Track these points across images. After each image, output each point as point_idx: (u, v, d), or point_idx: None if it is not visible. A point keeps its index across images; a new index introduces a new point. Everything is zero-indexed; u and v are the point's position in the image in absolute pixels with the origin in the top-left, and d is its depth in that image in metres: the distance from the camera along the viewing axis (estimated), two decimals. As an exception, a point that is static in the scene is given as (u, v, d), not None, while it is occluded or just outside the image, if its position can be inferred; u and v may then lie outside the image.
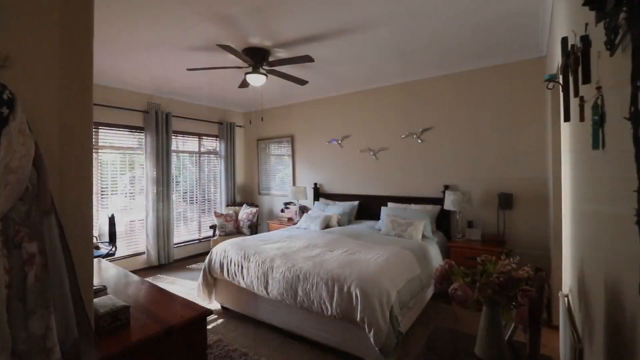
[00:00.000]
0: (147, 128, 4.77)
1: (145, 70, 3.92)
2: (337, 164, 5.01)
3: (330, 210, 4.54)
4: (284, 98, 5.42)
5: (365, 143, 4.69)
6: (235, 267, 3.01)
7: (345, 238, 3.36)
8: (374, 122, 4.60)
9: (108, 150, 4.51)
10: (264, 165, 6.09)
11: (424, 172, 4.14)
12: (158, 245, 4.82)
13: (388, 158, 4.47)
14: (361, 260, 2.61)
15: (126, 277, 2.13)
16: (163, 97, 5.03)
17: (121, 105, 4.52)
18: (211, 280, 3.31)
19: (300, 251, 2.92)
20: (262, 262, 2.81)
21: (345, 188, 4.92)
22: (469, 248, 3.36)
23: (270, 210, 5.95)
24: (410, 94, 4.25)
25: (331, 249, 2.98)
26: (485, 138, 3.73)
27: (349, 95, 4.85)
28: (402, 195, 4.30)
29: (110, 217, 3.88)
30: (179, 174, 5.44)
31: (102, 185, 4.45)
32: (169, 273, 4.64)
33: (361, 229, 3.82)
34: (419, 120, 4.19)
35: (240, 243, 3.28)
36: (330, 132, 5.09)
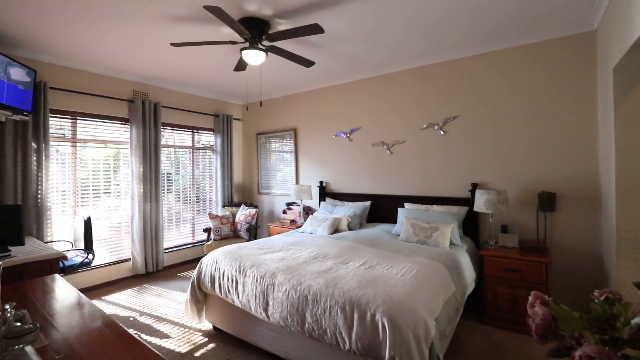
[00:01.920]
0: (132, 119, 4.24)
1: (128, 50, 3.39)
2: (345, 160, 4.48)
3: (338, 212, 4.01)
4: (286, 87, 4.88)
5: (378, 136, 4.16)
6: (229, 282, 2.48)
7: (360, 246, 2.82)
8: (388, 113, 4.07)
9: (88, 144, 3.98)
10: (264, 161, 5.56)
11: (448, 168, 3.61)
12: (145, 251, 4.29)
13: (405, 152, 3.93)
14: (385, 276, 2.08)
15: (79, 307, 1.60)
16: (151, 85, 4.50)
17: (103, 93, 3.99)
18: (201, 296, 2.78)
19: (307, 263, 2.39)
20: (261, 277, 2.28)
21: (355, 187, 4.39)
22: (506, 258, 2.83)
23: (270, 212, 5.42)
24: (431, 80, 3.72)
25: (345, 260, 2.44)
26: (521, 128, 3.19)
27: (360, 83, 4.31)
28: (421, 195, 3.77)
29: (85, 220, 3.35)
30: (174, 172, 4.91)
31: (82, 183, 3.92)
32: (157, 282, 4.12)
33: (376, 235, 3.29)
34: (441, 109, 3.65)
35: (235, 252, 2.75)
36: (337, 125, 4.56)
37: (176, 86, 4.74)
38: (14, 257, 2.40)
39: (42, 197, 3.41)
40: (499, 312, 2.86)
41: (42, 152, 3.40)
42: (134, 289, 3.94)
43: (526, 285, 2.73)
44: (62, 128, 3.77)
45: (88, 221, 3.37)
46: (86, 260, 3.27)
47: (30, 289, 1.77)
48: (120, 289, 3.92)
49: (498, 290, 2.86)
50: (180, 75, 4.29)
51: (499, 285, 2.86)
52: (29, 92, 3.16)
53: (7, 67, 2.87)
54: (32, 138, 3.37)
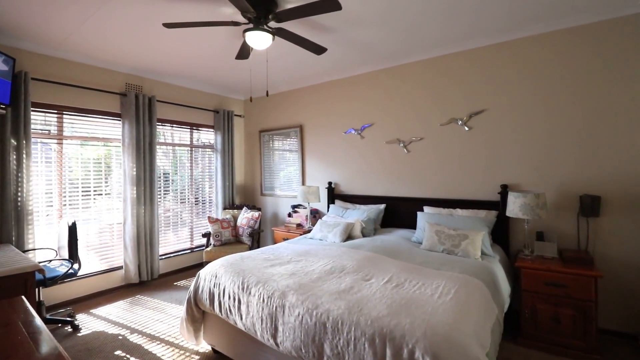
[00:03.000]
0: (125, 114, 3.89)
1: (119, 36, 3.04)
2: (357, 159, 4.12)
3: (350, 216, 3.66)
4: (292, 80, 4.53)
5: (393, 132, 3.80)
6: (230, 300, 2.13)
7: (380, 257, 2.47)
8: (404, 107, 3.71)
9: (75, 142, 3.63)
10: (268, 161, 5.20)
11: (473, 168, 3.25)
12: (139, 258, 3.94)
13: (423, 150, 3.57)
14: (419, 298, 1.72)
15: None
16: (145, 77, 4.15)
17: (92, 85, 3.64)
18: (198, 314, 2.43)
19: (323, 280, 2.03)
20: (269, 297, 1.92)
21: (367, 188, 4.03)
22: (548, 270, 2.47)
23: (274, 215, 5.07)
24: (453, 70, 3.36)
25: (367, 276, 2.08)
26: (560, 122, 2.83)
27: (373, 75, 3.95)
28: (443, 198, 3.41)
29: (70, 225, 3.00)
30: (172, 172, 4.55)
31: (70, 184, 3.57)
32: (151, 293, 3.77)
33: (396, 243, 2.93)
34: (465, 102, 3.29)
35: (237, 264, 2.40)
36: (348, 121, 4.20)
37: (173, 79, 4.39)
38: (-21, 272, 2.05)
39: (23, 200, 3.06)
40: (538, 332, 2.50)
41: (22, 149, 3.05)
42: (125, 300, 3.59)
43: (572, 303, 2.38)
44: (47, 123, 3.42)
45: (73, 227, 3.02)
46: (70, 270, 2.92)
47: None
48: (111, 301, 3.57)
49: (538, 307, 2.50)
50: (177, 66, 3.94)
51: (538, 301, 2.50)
52: (6, 82, 2.81)
53: (-22, 52, 2.52)
54: (11, 134, 3.02)
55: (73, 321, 2.96)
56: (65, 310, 3.25)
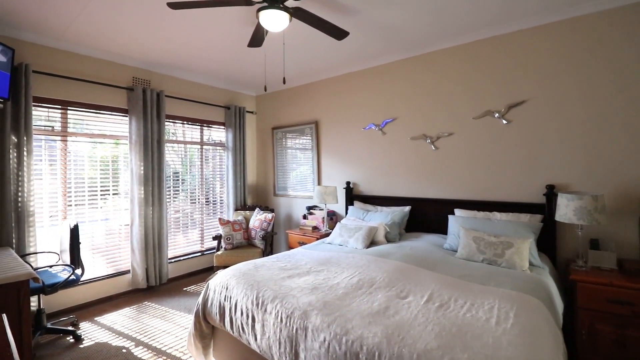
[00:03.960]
0: (132, 110, 3.68)
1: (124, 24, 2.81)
2: (378, 157, 3.81)
3: (372, 219, 3.35)
4: (306, 73, 4.24)
5: (418, 128, 3.48)
6: (243, 317, 1.86)
7: (413, 268, 2.16)
8: (431, 99, 3.38)
9: (80, 139, 3.43)
10: (281, 159, 4.93)
11: (513, 166, 2.90)
12: (147, 261, 3.73)
13: (453, 147, 3.24)
14: (472, 324, 1.41)
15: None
16: (153, 71, 3.93)
17: (98, 79, 3.44)
18: (207, 330, 2.17)
19: (350, 296, 1.74)
20: (287, 316, 1.64)
21: (390, 188, 3.72)
22: (610, 285, 2.11)
23: (288, 216, 4.80)
24: (488, 58, 3.01)
25: (402, 291, 1.78)
26: (614, 114, 2.46)
27: (396, 65, 3.63)
28: (477, 200, 3.07)
29: (72, 228, 2.79)
30: (182, 171, 4.34)
31: (76, 184, 3.38)
32: (160, 299, 3.54)
33: (427, 250, 2.61)
34: (502, 92, 2.95)
35: (251, 274, 2.13)
36: (367, 116, 3.89)
37: (182, 73, 4.17)
38: (-33, 281, 1.84)
39: (24, 200, 2.87)
40: (597, 357, 2.15)
41: (23, 146, 2.86)
42: (132, 307, 3.37)
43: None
44: (50, 119, 3.23)
45: (75, 230, 2.80)
46: (72, 277, 2.71)
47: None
48: (117, 307, 3.36)
49: (597, 327, 2.15)
50: (186, 59, 3.70)
51: (598, 321, 2.14)
52: (5, 74, 2.61)
53: (-28, 40, 2.31)
54: (11, 130, 2.82)
55: (75, 331, 2.75)
56: (69, 318, 3.05)
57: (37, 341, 2.64)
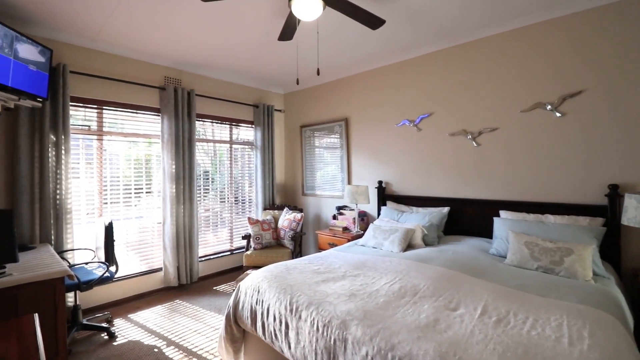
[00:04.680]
0: (164, 109, 3.70)
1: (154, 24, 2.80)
2: (412, 155, 3.61)
3: (408, 220, 3.16)
4: (336, 69, 4.10)
5: (457, 123, 3.25)
6: (276, 323, 1.75)
7: (460, 275, 1.96)
8: (472, 92, 3.14)
9: (115, 138, 3.49)
10: (309, 158, 4.83)
11: (569, 164, 2.62)
12: (178, 260, 3.74)
13: (498, 143, 2.98)
14: (541, 345, 1.21)
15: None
16: (184, 70, 3.95)
17: (131, 79, 3.48)
18: (239, 334, 2.09)
19: (393, 305, 1.58)
20: (324, 325, 1.52)
21: (425, 188, 3.50)
22: (695, 300, 1.81)
23: (317, 216, 4.68)
24: (540, 44, 2.74)
25: (451, 302, 1.60)
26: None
27: (432, 56, 3.41)
28: (527, 201, 2.80)
29: (107, 225, 2.82)
30: (211, 170, 4.34)
31: (112, 182, 3.44)
32: (191, 298, 3.54)
33: (471, 255, 2.39)
34: (555, 82, 2.67)
35: (283, 277, 2.02)
36: (401, 112, 3.70)
37: (211, 72, 4.16)
38: (7, 277, 1.86)
39: (62, 198, 2.94)
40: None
41: (61, 145, 2.93)
42: (164, 305, 3.38)
43: None
44: (86, 119, 3.30)
45: (109, 227, 2.84)
46: (106, 274, 2.73)
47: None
48: (150, 305, 3.39)
49: (678, 349, 1.86)
50: (215, 58, 3.68)
51: (679, 342, 1.85)
52: (43, 74, 2.67)
53: (14, 42, 2.37)
54: (50, 129, 2.90)
55: (109, 328, 2.77)
56: (103, 314, 3.10)
57: (74, 337, 2.69)
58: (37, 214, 2.83)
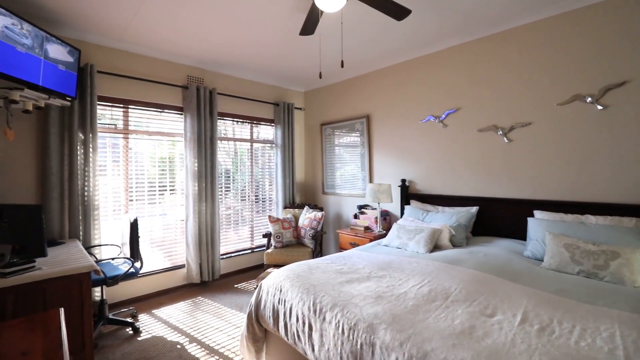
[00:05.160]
0: (186, 108, 3.74)
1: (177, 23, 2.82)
2: (437, 152, 3.47)
3: (433, 220, 3.04)
4: (357, 65, 4.01)
5: (486, 118, 3.09)
6: (299, 324, 1.70)
7: (494, 278, 1.84)
8: (503, 85, 2.97)
9: (140, 136, 3.55)
10: (330, 156, 4.76)
11: (612, 160, 2.42)
12: (200, 257, 3.77)
13: (532, 139, 2.81)
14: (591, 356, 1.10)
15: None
16: (206, 69, 3.97)
17: (155, 78, 3.53)
18: (260, 333, 2.05)
19: (423, 309, 1.49)
20: (350, 328, 1.45)
21: (452, 186, 3.36)
22: None
23: (337, 215, 4.61)
24: (578, 31, 2.55)
25: (486, 307, 1.49)
26: None
27: (458, 49, 3.27)
28: (564, 200, 2.62)
29: (132, 222, 2.87)
30: (232, 168, 4.36)
31: (137, 180, 3.50)
32: (212, 295, 3.56)
33: (504, 258, 2.25)
34: (597, 72, 2.47)
35: (306, 277, 1.97)
36: (425, 107, 3.57)
37: (233, 70, 4.16)
38: (37, 271, 1.90)
39: (89, 194, 3.01)
40: None
41: (89, 143, 3.00)
42: (187, 301, 3.41)
43: None
44: (113, 118, 3.37)
45: (134, 224, 2.88)
46: (131, 270, 2.77)
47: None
48: (173, 301, 3.43)
49: None
50: (236, 56, 3.68)
51: None
52: (72, 74, 2.74)
53: (44, 42, 2.44)
54: (79, 128, 2.97)
55: (134, 323, 2.81)
56: (129, 309, 3.15)
57: (100, 331, 2.74)
58: (67, 210, 2.91)
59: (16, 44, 2.19)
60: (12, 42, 2.16)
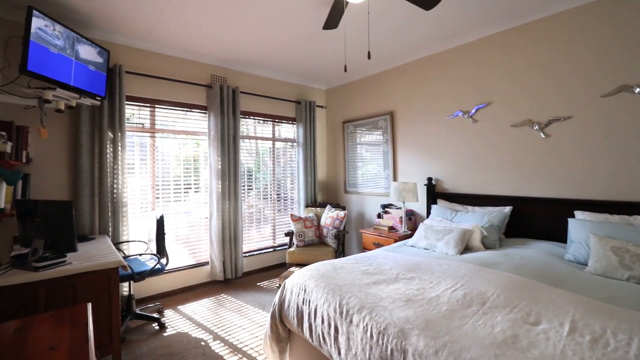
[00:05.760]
0: (210, 107, 3.77)
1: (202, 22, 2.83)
2: (466, 149, 3.32)
3: (463, 220, 2.90)
4: (381, 60, 3.91)
5: (521, 112, 2.91)
6: (324, 326, 1.64)
7: (534, 283, 1.71)
8: (539, 77, 2.79)
9: (166, 135, 3.61)
10: (352, 154, 4.68)
11: (666, 157, 2.21)
12: (224, 254, 3.80)
13: (572, 134, 2.62)
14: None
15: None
16: (229, 68, 3.99)
17: (180, 78, 3.58)
18: (284, 333, 2.01)
19: (458, 314, 1.39)
20: (379, 332, 1.37)
21: (482, 185, 3.20)
22: None
23: (360, 214, 4.52)
24: (624, 16, 2.35)
25: (528, 314, 1.37)
26: None
27: (488, 40, 3.10)
28: (610, 200, 2.42)
29: (158, 219, 2.91)
30: (255, 167, 4.37)
31: (163, 178, 3.57)
32: (235, 293, 3.57)
33: (543, 261, 2.10)
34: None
35: (330, 277, 1.91)
36: (452, 102, 3.42)
37: (255, 69, 4.16)
38: (68, 266, 1.95)
39: (118, 192, 3.08)
40: None
41: (118, 142, 3.07)
42: (210, 298, 3.44)
43: None
44: (140, 117, 3.44)
45: (161, 221, 2.92)
46: (158, 266, 2.81)
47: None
48: (197, 298, 3.46)
49: None
50: (259, 55, 3.67)
51: None
52: (101, 74, 2.81)
53: (75, 43, 2.50)
54: (108, 127, 3.05)
55: (160, 319, 2.85)
56: (155, 305, 3.21)
57: (127, 325, 2.80)
58: (97, 207, 2.99)
59: (49, 45, 2.25)
60: (45, 43, 2.22)
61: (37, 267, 1.79)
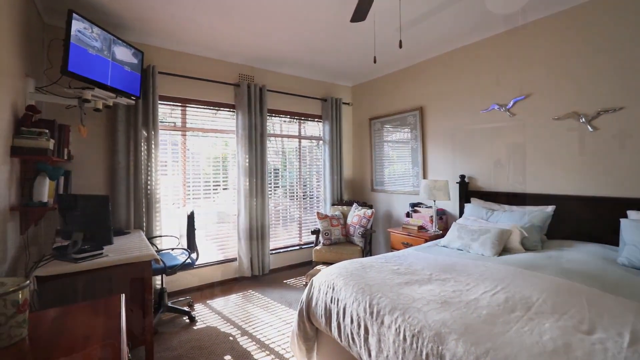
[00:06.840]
0: (238, 105, 3.82)
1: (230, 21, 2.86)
2: (503, 145, 3.13)
3: (500, 220, 2.74)
4: (411, 54, 3.77)
5: (565, 104, 2.70)
6: (354, 326, 1.59)
7: (584, 288, 1.56)
8: (584, 65, 2.57)
9: (197, 133, 3.69)
10: (379, 152, 4.57)
11: None
12: (251, 251, 3.84)
13: (624, 126, 2.39)
14: None
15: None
16: (256, 67, 4.02)
17: (209, 77, 3.65)
18: (312, 332, 1.98)
19: (500, 319, 1.29)
20: (413, 335, 1.30)
21: (521, 183, 3.01)
22: None
23: (387, 213, 4.41)
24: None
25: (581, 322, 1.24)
26: None
27: (532, 27, 2.90)
28: (670, 198, 2.19)
29: (188, 215, 2.98)
30: (281, 165, 4.39)
31: (194, 176, 3.66)
32: (262, 289, 3.59)
33: (594, 265, 1.92)
34: None
35: (360, 275, 1.85)
36: (488, 95, 3.24)
37: (281, 67, 4.16)
38: (104, 258, 2.02)
39: (152, 188, 3.19)
40: None
41: (151, 140, 3.17)
42: (238, 294, 3.48)
43: None
44: (172, 116, 3.54)
45: (191, 216, 2.99)
46: (188, 260, 2.87)
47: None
48: (226, 293, 3.52)
49: None
50: (286, 52, 3.66)
51: None
52: (136, 75, 2.90)
53: (111, 45, 2.60)
54: (142, 126, 3.16)
55: (190, 312, 2.92)
56: (186, 299, 3.28)
57: (160, 318, 2.88)
58: (132, 202, 3.10)
59: (87, 47, 2.35)
60: (84, 45, 2.32)
61: (77, 259, 1.87)
